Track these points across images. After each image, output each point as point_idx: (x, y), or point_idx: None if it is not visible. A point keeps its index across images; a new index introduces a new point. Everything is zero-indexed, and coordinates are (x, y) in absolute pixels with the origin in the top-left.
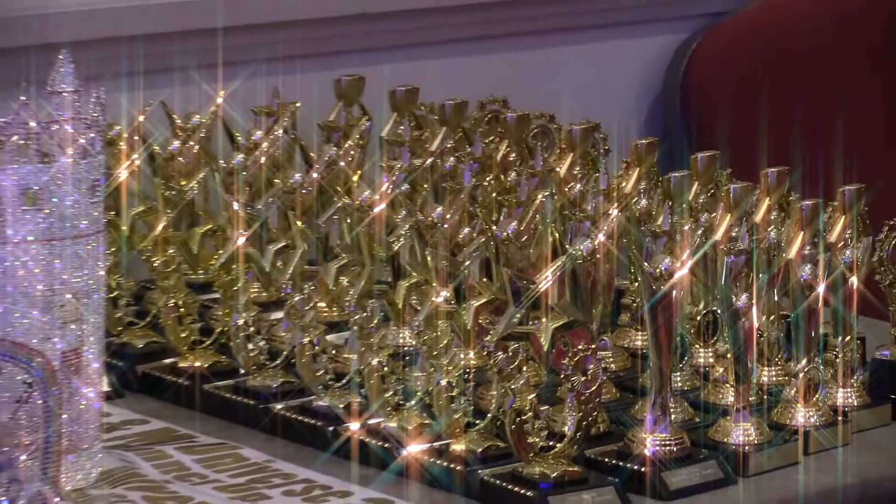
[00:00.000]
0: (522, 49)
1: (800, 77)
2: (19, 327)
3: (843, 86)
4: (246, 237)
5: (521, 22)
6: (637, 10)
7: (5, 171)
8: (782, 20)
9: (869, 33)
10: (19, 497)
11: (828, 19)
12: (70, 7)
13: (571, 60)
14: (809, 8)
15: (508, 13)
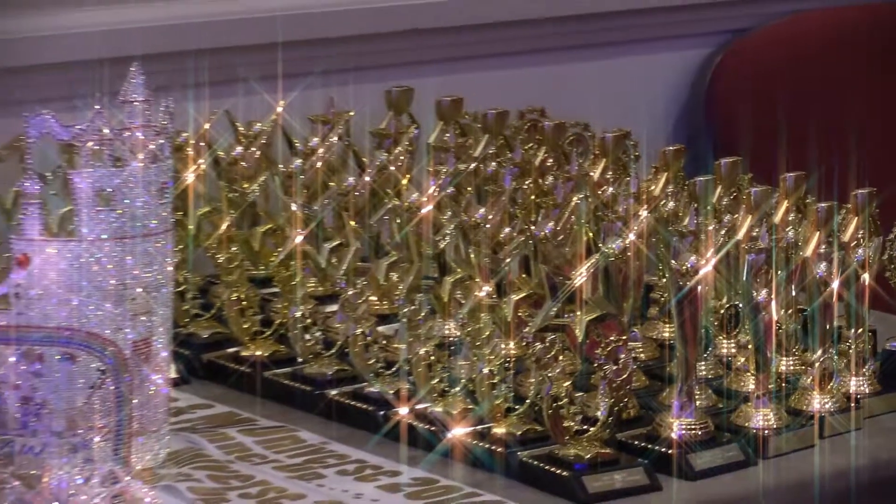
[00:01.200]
0: (559, 63)
1: (815, 89)
2: (93, 319)
3: (855, 98)
4: (303, 236)
5: (558, 38)
6: (665, 26)
7: (81, 174)
8: (799, 37)
9: (879, 49)
10: (93, 476)
11: (841, 36)
12: (140, 23)
13: (604, 73)
14: (824, 25)
15: (546, 30)
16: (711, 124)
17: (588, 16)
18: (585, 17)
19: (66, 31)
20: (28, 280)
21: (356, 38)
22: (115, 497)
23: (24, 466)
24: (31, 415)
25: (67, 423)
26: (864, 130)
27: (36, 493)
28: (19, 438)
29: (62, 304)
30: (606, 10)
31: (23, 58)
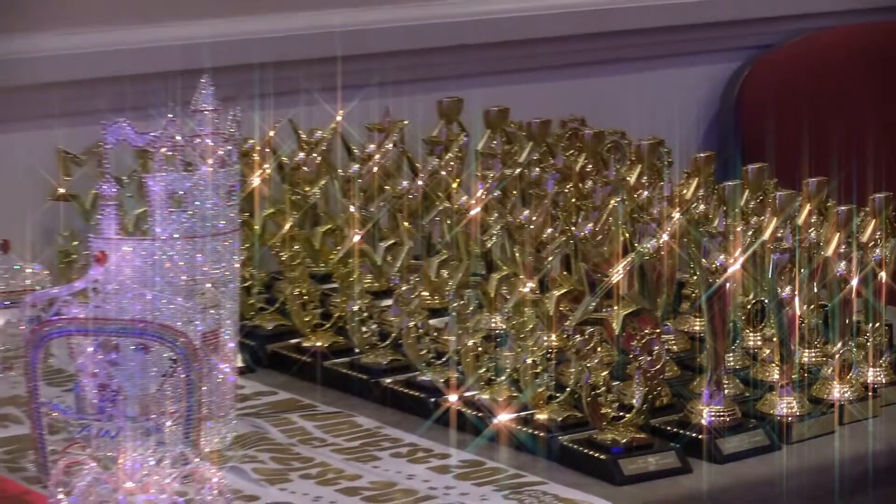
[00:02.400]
0: (598, 75)
1: (836, 100)
2: (166, 312)
3: (872, 108)
4: (360, 235)
5: (597, 52)
6: (697, 42)
7: (155, 178)
8: (820, 52)
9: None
10: (165, 457)
11: (859, 52)
12: (210, 38)
13: (640, 85)
14: (845, 41)
15: (586, 45)
16: (739, 133)
17: (625, 32)
18: (623, 34)
19: (142, 46)
20: (105, 276)
21: (410, 53)
22: (185, 477)
23: (100, 449)
24: (107, 401)
25: (141, 409)
26: (881, 139)
27: (111, 474)
28: (96, 423)
29: (137, 298)
30: (642, 27)
31: (100, 69)
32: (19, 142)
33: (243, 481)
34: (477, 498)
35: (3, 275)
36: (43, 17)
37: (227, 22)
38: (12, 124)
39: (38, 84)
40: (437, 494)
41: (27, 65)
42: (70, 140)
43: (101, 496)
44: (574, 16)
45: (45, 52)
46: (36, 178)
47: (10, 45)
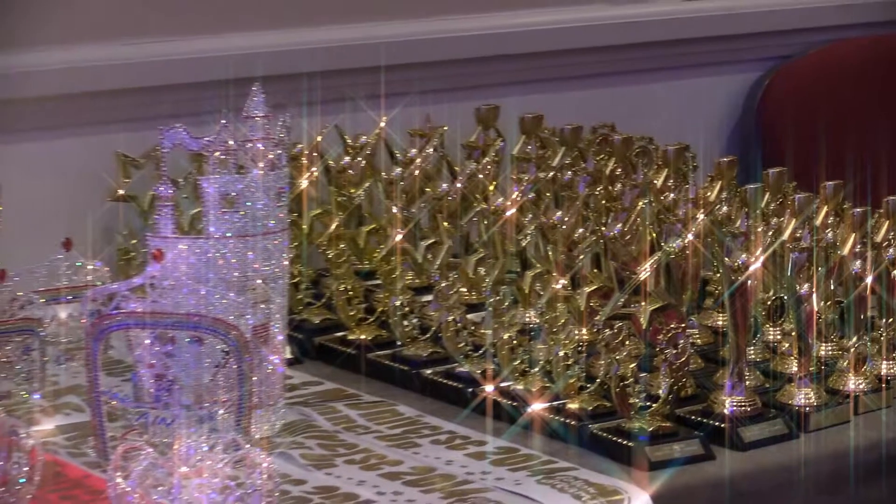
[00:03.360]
0: (627, 84)
1: (852, 108)
2: (219, 306)
3: (887, 115)
4: (402, 234)
5: (626, 62)
6: (721, 52)
7: (209, 180)
8: (837, 63)
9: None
10: (217, 444)
11: (874, 62)
12: (261, 48)
13: (667, 93)
14: (860, 52)
15: (615, 55)
16: (760, 139)
17: (653, 44)
18: (651, 45)
19: (197, 56)
20: (162, 272)
21: (450, 63)
22: (236, 462)
23: (157, 435)
24: (163, 390)
25: (195, 398)
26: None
27: (167, 459)
28: (153, 411)
29: (191, 293)
30: (669, 39)
31: (158, 78)
32: (81, 146)
33: (291, 466)
34: (511, 483)
35: (66, 271)
36: (102, 29)
37: (278, 34)
38: (75, 129)
39: (99, 91)
40: (474, 479)
41: (88, 73)
42: (129, 144)
43: (157, 480)
44: (605, 28)
45: (106, 61)
46: (97, 180)
47: (70, 54)
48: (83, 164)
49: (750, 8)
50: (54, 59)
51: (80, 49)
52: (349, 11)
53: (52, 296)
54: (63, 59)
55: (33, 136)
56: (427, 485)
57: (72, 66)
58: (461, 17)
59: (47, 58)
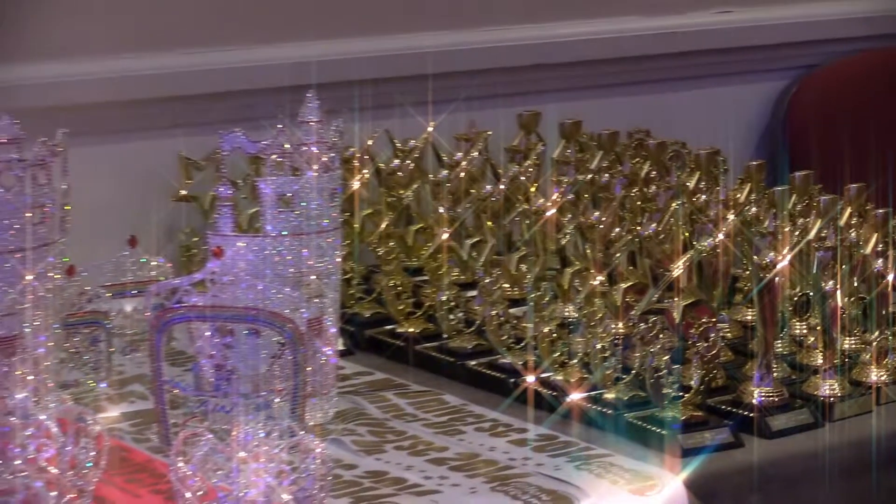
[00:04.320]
0: (661, 92)
1: (874, 114)
2: (275, 300)
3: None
4: (448, 233)
5: (661, 71)
6: (750, 63)
7: (266, 181)
8: (861, 72)
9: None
10: (273, 430)
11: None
12: (315, 57)
13: (699, 100)
14: (882, 62)
15: (651, 64)
16: (787, 144)
17: (686, 53)
18: (684, 55)
19: (255, 64)
20: (221, 268)
21: (494, 71)
22: (291, 448)
23: (216, 422)
24: (222, 379)
25: (253, 387)
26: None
27: (226, 445)
28: (213, 399)
29: (249, 288)
30: (701, 49)
31: (218, 85)
32: (147, 149)
33: (343, 452)
34: (551, 468)
35: (131, 267)
36: (168, 38)
37: (331, 44)
38: (141, 133)
39: (163, 97)
40: (515, 465)
41: (154, 80)
42: (191, 147)
43: (217, 464)
44: (640, 39)
45: (170, 69)
46: (161, 181)
47: (137, 62)
48: (148, 166)
49: (778, 20)
50: (123, 67)
51: (147, 57)
52: (398, 22)
53: (118, 290)
54: (131, 67)
55: (101, 139)
56: (471, 470)
57: (138, 74)
58: (505, 28)
59: (116, 65)
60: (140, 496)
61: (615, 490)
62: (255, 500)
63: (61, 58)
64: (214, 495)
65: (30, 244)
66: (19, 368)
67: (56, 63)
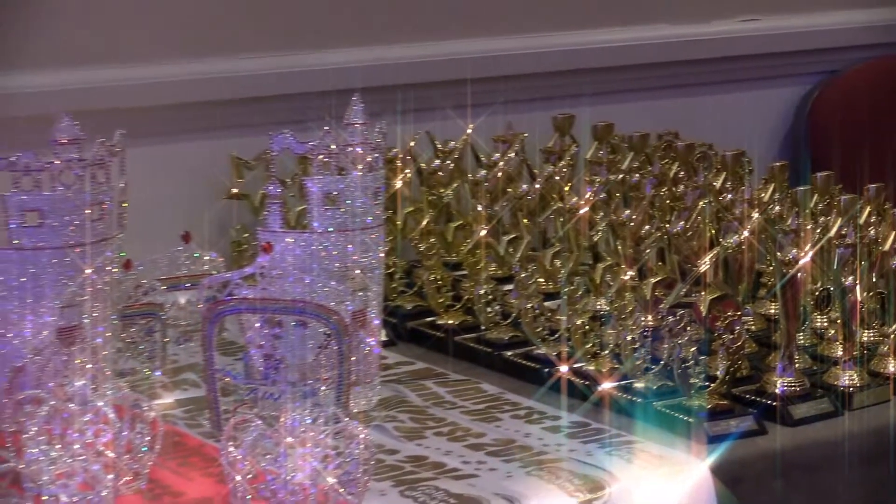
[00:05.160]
0: (689, 96)
1: (893, 117)
2: (321, 294)
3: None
4: (486, 230)
5: (690, 76)
6: (774, 67)
7: (313, 180)
8: (880, 77)
9: None
10: (319, 417)
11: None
12: (360, 63)
13: (725, 104)
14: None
15: (680, 70)
16: (809, 145)
17: (713, 59)
18: (711, 61)
19: (303, 69)
20: (271, 263)
21: (530, 76)
22: (336, 434)
23: (265, 409)
24: (271, 368)
25: (300, 375)
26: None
27: (274, 430)
28: (262, 387)
29: (297, 281)
30: (728, 55)
31: (267, 89)
32: (200, 150)
33: (385, 437)
34: (583, 454)
35: (185, 261)
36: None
37: (375, 49)
38: (194, 135)
39: (215, 101)
40: (549, 451)
41: (207, 84)
42: (242, 148)
43: (265, 449)
44: (669, 45)
45: (222, 73)
46: (213, 180)
47: (191, 67)
48: (201, 165)
49: (800, 27)
50: (178, 72)
51: (201, 62)
52: (439, 30)
53: (173, 283)
54: (186, 72)
55: (157, 140)
56: (507, 455)
57: (192, 78)
58: (540, 35)
59: (172, 70)
60: (192, 479)
61: (644, 475)
62: (302, 483)
63: (120, 63)
64: (263, 478)
65: (89, 239)
66: (78, 357)
67: (116, 68)
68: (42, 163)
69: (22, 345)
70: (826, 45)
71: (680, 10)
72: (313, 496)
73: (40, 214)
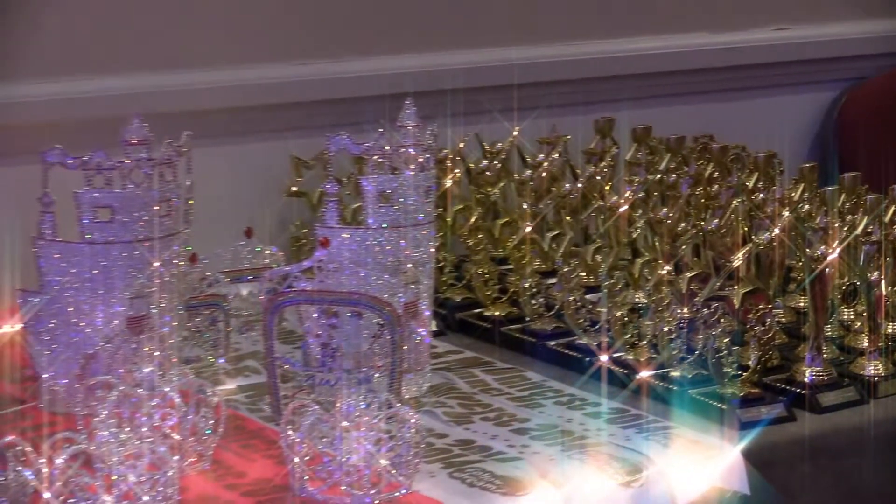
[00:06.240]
0: (724, 101)
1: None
2: (375, 286)
3: None
4: (531, 227)
5: (724, 82)
6: (803, 74)
7: (368, 179)
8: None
9: None
10: (373, 402)
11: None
12: (412, 69)
13: (758, 108)
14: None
15: (714, 76)
16: (837, 148)
17: (746, 66)
18: (744, 67)
19: (359, 74)
20: (328, 257)
21: (573, 82)
22: (389, 418)
23: (322, 394)
24: (328, 356)
25: (355, 363)
26: None
27: (330, 415)
28: (319, 374)
29: (353, 275)
30: (760, 63)
31: (326, 93)
32: (262, 150)
33: (435, 422)
34: (622, 438)
35: (247, 255)
36: (281, 50)
37: (427, 56)
38: (257, 136)
39: (277, 104)
40: (589, 435)
41: (269, 88)
42: (301, 149)
43: (322, 432)
44: (706, 53)
45: (282, 78)
46: (274, 179)
47: (254, 72)
48: (263, 165)
49: (829, 37)
50: (239, 77)
51: (263, 68)
52: (488, 37)
53: (236, 276)
54: (249, 76)
55: (221, 141)
56: (550, 439)
57: (255, 83)
58: (583, 42)
59: (233, 75)
60: (253, 460)
61: (680, 458)
62: (357, 464)
63: (187, 68)
64: (320, 460)
65: (157, 234)
66: (147, 345)
67: (183, 73)
68: (113, 162)
69: (94, 333)
70: (853, 53)
71: (715, 20)
72: (367, 477)
73: (111, 211)
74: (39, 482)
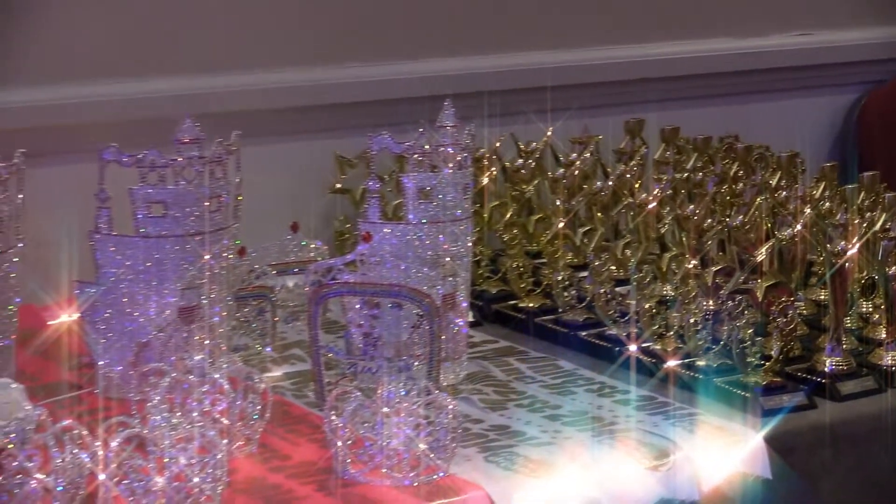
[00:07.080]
0: (749, 102)
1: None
2: (415, 279)
3: None
4: (564, 223)
5: (749, 84)
6: (824, 77)
7: (408, 177)
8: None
9: None
10: (412, 389)
11: None
12: (450, 71)
13: (781, 110)
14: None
15: (740, 79)
16: (857, 148)
17: (770, 70)
18: (768, 71)
19: (400, 77)
20: (370, 251)
21: (604, 84)
22: (427, 405)
23: (364, 382)
24: (369, 345)
25: (395, 352)
26: None
27: (372, 401)
28: (361, 362)
29: (393, 267)
30: (783, 66)
31: (367, 95)
32: (307, 149)
33: (472, 408)
34: (650, 424)
35: (293, 249)
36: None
37: (465, 59)
38: (302, 135)
39: (322, 105)
40: (619, 421)
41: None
42: (345, 147)
43: (364, 418)
44: (731, 57)
45: (328, 80)
46: (319, 176)
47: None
48: (308, 163)
49: (849, 41)
50: (286, 79)
51: (308, 71)
52: (523, 42)
53: (282, 268)
54: (293, 79)
55: (269, 140)
56: (581, 424)
57: (301, 84)
58: (614, 47)
59: (280, 77)
60: (298, 444)
61: (705, 444)
62: (397, 448)
63: (237, 70)
64: (361, 444)
65: (208, 229)
66: (197, 334)
67: (233, 74)
68: (166, 160)
69: (147, 323)
70: (873, 58)
71: (740, 26)
72: (406, 460)
73: (164, 206)
74: (95, 464)
